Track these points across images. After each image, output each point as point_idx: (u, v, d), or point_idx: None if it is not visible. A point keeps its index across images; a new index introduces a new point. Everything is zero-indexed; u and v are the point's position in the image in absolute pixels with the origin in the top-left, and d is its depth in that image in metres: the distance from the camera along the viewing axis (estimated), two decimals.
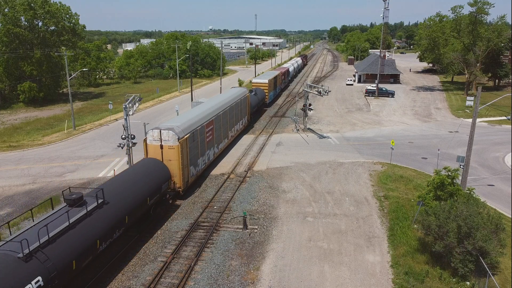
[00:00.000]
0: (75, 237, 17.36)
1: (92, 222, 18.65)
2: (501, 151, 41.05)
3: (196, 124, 32.29)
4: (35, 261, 15.24)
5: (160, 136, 28.54)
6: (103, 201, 20.10)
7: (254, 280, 20.19)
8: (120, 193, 21.51)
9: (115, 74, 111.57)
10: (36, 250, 15.48)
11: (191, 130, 30.94)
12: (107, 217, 19.65)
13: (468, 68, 75.13)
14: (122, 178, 23.28)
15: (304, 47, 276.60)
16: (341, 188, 31.78)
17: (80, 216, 18.30)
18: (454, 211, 20.64)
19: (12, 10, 68.09)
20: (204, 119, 34.31)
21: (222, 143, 39.36)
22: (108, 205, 20.17)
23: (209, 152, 35.50)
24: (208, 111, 36.13)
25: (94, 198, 19.78)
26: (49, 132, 50.77)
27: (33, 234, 16.07)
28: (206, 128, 34.19)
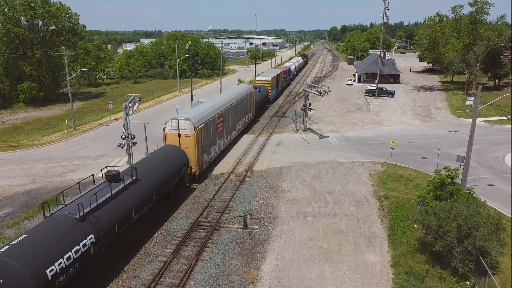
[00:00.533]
0: (116, 206, 20.77)
1: (128, 195, 22.01)
2: (501, 151, 41.05)
3: (208, 116, 35.19)
4: (89, 222, 18.57)
5: (178, 126, 31.54)
6: (136, 178, 23.41)
7: (254, 279, 20.19)
8: (149, 172, 24.86)
9: (115, 74, 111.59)
10: (88, 213, 18.84)
11: (204, 121, 33.93)
12: (139, 192, 23.03)
13: (468, 68, 75.13)
14: (150, 160, 26.69)
15: (304, 47, 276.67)
16: (341, 188, 31.78)
17: (119, 189, 21.64)
18: (454, 211, 20.65)
19: (12, 10, 68.09)
20: (215, 111, 37.14)
21: (230, 134, 42.34)
22: (140, 182, 23.57)
23: (220, 142, 38.54)
24: (218, 105, 39.03)
25: (129, 176, 23.20)
26: (49, 132, 50.78)
27: (86, 200, 19.36)
28: (217, 120, 37.15)
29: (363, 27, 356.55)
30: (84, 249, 17.72)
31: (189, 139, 31.44)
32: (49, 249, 16.07)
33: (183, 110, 61.18)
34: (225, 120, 39.46)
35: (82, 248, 17.59)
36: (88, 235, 18.15)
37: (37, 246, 15.88)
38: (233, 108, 42.24)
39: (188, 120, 31.52)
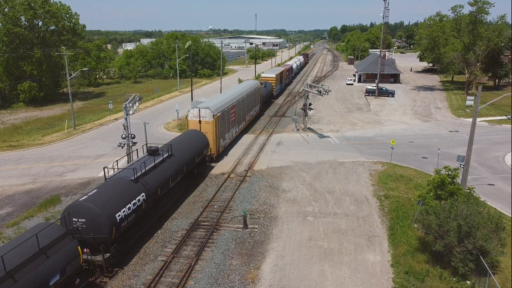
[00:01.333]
0: (158, 173, 25.25)
1: (166, 166, 26.53)
2: (501, 151, 41.04)
3: (224, 106, 39.78)
4: (140, 183, 23.09)
5: (199, 114, 36.29)
6: (171, 153, 27.98)
7: (254, 279, 20.19)
8: (180, 150, 29.32)
9: (115, 74, 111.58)
10: (140, 177, 23.37)
11: (221, 110, 38.54)
12: (174, 164, 27.48)
13: (468, 68, 75.10)
14: (179, 140, 31.26)
15: (304, 47, 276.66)
16: (341, 187, 31.78)
17: (159, 161, 26.23)
18: (454, 210, 20.63)
19: (12, 10, 68.06)
20: (229, 103, 41.64)
21: (241, 124, 46.99)
22: (174, 157, 28.08)
23: (232, 130, 42.94)
24: (232, 97, 43.70)
25: (166, 151, 27.78)
26: (49, 131, 50.78)
27: (137, 166, 23.99)
28: (231, 110, 41.78)
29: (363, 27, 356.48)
30: (139, 203, 22.39)
31: (208, 125, 36.14)
32: (116, 200, 20.73)
33: (183, 110, 61.21)
34: (237, 111, 44.07)
35: (137, 202, 22.23)
36: (141, 193, 22.81)
37: (107, 197, 20.52)
38: (243, 101, 46.84)
39: (208, 109, 36.24)
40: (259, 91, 56.89)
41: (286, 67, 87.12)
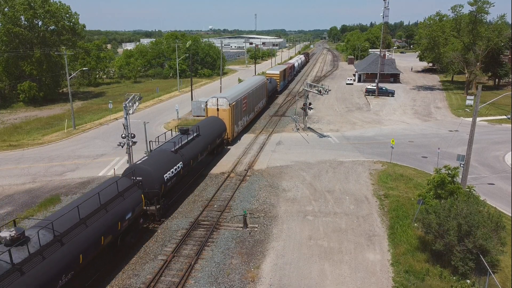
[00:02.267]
0: (190, 148, 30.72)
1: (195, 143, 32.15)
2: (501, 150, 41.05)
3: (237, 97, 44.64)
4: (179, 154, 28.71)
5: (217, 102, 41.34)
6: (199, 133, 33.63)
7: (254, 278, 20.18)
8: (205, 131, 34.76)
9: (115, 73, 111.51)
10: (178, 149, 29.05)
11: (235, 100, 43.48)
12: (201, 142, 33.13)
13: (468, 68, 75.09)
14: (203, 123, 36.26)
15: (304, 47, 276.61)
16: (341, 187, 31.77)
17: (191, 138, 31.92)
18: (454, 210, 20.63)
19: (12, 10, 67.98)
20: (241, 94, 46.58)
21: (251, 114, 51.89)
22: (201, 136, 33.74)
23: (244, 119, 47.87)
24: (243, 90, 48.77)
25: (195, 131, 33.36)
26: (49, 131, 50.77)
27: (176, 140, 29.81)
28: (243, 101, 46.51)
29: (363, 27, 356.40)
30: (178, 169, 27.87)
31: (225, 113, 41.16)
32: (163, 165, 26.16)
33: (183, 109, 61.28)
34: (247, 102, 49.00)
35: (177, 168, 27.71)
36: (179, 162, 28.16)
37: (156, 162, 25.96)
38: (253, 93, 51.84)
39: (225, 98, 41.41)
40: (266, 86, 62.16)
41: (289, 65, 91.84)
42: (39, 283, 14.54)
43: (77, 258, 16.98)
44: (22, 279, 13.85)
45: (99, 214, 19.15)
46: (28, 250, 14.81)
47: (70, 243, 16.78)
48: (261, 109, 59.10)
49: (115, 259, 21.69)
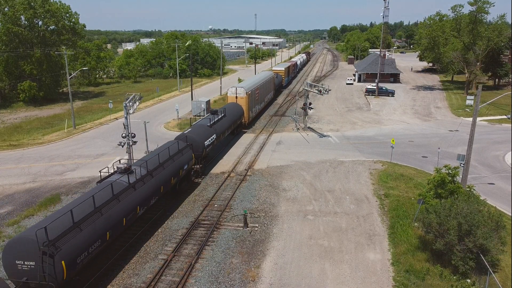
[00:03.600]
0: (219, 125, 37.95)
1: (222, 122, 39.24)
2: (501, 150, 41.06)
3: (252, 88, 51.89)
4: (213, 128, 36.00)
5: (235, 91, 48.68)
6: (225, 114, 40.66)
7: (255, 278, 20.19)
8: (229, 113, 42.10)
9: (115, 73, 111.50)
10: (212, 125, 36.19)
11: (250, 90, 50.63)
12: (227, 121, 40.43)
13: (468, 67, 75.11)
14: (226, 107, 43.58)
15: (304, 47, 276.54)
16: (341, 186, 31.79)
17: (220, 117, 39.06)
18: (454, 209, 20.64)
19: (12, 9, 67.97)
20: (254, 86, 53.81)
21: (261, 103, 59.28)
22: (226, 117, 40.91)
23: (257, 106, 55.66)
24: (255, 82, 56.47)
25: (222, 112, 40.25)
26: (49, 131, 50.77)
27: (210, 118, 37.28)
28: (256, 91, 53.62)
29: (363, 26, 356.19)
30: (212, 140, 35.20)
31: (242, 100, 48.45)
32: (203, 135, 33.83)
33: (184, 109, 61.30)
34: (259, 93, 55.96)
35: (212, 139, 35.25)
36: (213, 134, 35.69)
37: (199, 133, 33.60)
38: (263, 86, 59.03)
39: (242, 88, 49.06)
40: (273, 80, 69.51)
41: (292, 63, 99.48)
42: (142, 197, 23.04)
43: (159, 187, 25.20)
44: (134, 193, 22.41)
45: (169, 162, 27.15)
46: (135, 177, 23.24)
47: (155, 177, 24.92)
48: (269, 100, 66.58)
49: (115, 259, 21.71)
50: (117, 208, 20.52)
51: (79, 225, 17.76)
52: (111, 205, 20.15)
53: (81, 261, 17.48)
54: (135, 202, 22.17)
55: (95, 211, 19.00)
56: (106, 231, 19.24)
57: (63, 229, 16.92)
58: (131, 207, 21.68)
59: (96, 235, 18.51)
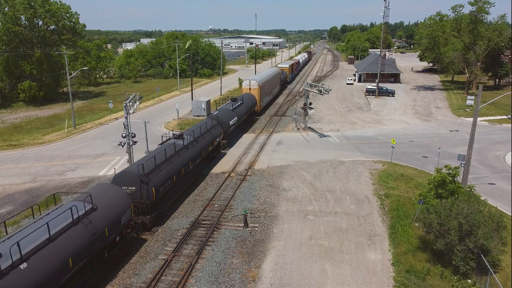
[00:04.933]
0: (239, 109, 45.74)
1: (242, 107, 46.93)
2: (501, 150, 41.03)
3: (262, 81, 59.12)
4: (234, 112, 43.79)
5: (249, 83, 55.95)
6: (242, 102, 47.97)
7: (255, 278, 20.16)
8: (245, 101, 49.52)
9: (115, 73, 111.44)
10: (234, 109, 44.34)
11: (262, 82, 58.04)
12: (244, 107, 48.01)
13: (469, 68, 75.07)
14: (243, 96, 50.82)
15: (304, 47, 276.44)
16: (341, 186, 31.75)
17: (238, 104, 46.19)
18: (455, 209, 20.60)
19: (12, 9, 67.96)
20: (264, 79, 60.81)
21: (270, 95, 66.37)
22: (243, 104, 48.18)
23: (266, 97, 63.08)
24: (265, 77, 63.25)
25: (240, 100, 47.92)
26: (49, 131, 50.75)
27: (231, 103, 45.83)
28: (266, 84, 60.95)
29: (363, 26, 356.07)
30: (235, 121, 42.96)
31: (255, 91, 55.86)
32: (228, 116, 41.29)
33: (184, 109, 61.28)
34: (268, 85, 63.17)
35: (235, 119, 43.01)
36: (235, 116, 43.39)
37: (224, 115, 40.98)
38: (271, 80, 66.14)
39: (255, 80, 56.37)
40: (279, 76, 76.38)
41: (295, 61, 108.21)
42: (192, 156, 30.84)
43: (202, 151, 33.06)
44: (187, 152, 30.28)
45: (207, 133, 35.17)
46: (187, 141, 31.15)
47: (199, 143, 32.81)
48: (276, 93, 74.49)
49: (116, 258, 21.68)
50: (179, 160, 28.64)
51: (159, 167, 25.94)
52: (175, 157, 28.41)
53: (161, 190, 25.72)
54: (188, 158, 30.13)
55: (167, 159, 27.29)
56: (173, 175, 27.40)
57: (151, 168, 25.10)
58: (186, 161, 29.65)
59: (168, 176, 26.64)
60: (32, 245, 15.24)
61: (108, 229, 19.21)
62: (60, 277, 15.93)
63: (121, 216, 20.56)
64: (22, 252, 14.58)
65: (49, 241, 15.91)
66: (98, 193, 20.33)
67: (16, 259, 14.33)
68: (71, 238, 16.79)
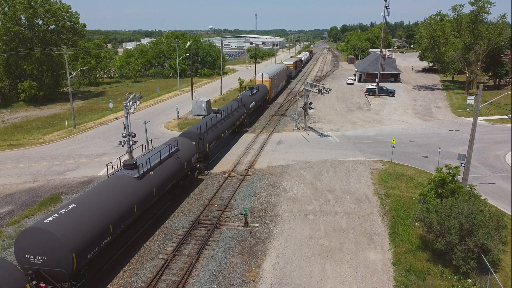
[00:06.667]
0: (256, 96, 55.02)
1: (257, 94, 55.87)
2: (502, 150, 41.01)
3: (272, 74, 67.73)
4: (252, 98, 52.91)
5: (262, 76, 64.86)
6: (258, 89, 57.01)
7: (255, 277, 20.16)
8: (260, 90, 57.42)
9: (115, 73, 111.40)
10: (252, 95, 53.22)
11: (272, 75, 66.72)
12: (259, 95, 56.83)
13: (469, 67, 75.04)
14: (257, 86, 58.51)
15: (304, 47, 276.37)
16: (342, 186, 31.75)
17: (255, 92, 55.28)
18: (455, 209, 20.60)
19: (12, 9, 67.95)
20: (274, 73, 69.63)
21: (278, 87, 74.79)
22: (258, 92, 56.87)
23: (275, 89, 71.24)
24: (274, 71, 72.26)
25: (256, 89, 56.42)
26: (49, 130, 50.75)
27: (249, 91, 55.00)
28: (275, 77, 69.39)
29: (363, 26, 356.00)
30: (253, 105, 52.36)
31: (267, 82, 64.36)
32: (248, 100, 50.64)
33: (184, 109, 61.28)
34: (277, 78, 71.54)
35: (253, 103, 52.24)
36: (253, 101, 52.04)
37: (246, 99, 50.16)
38: (279, 74, 74.26)
39: (267, 73, 65.59)
40: (285, 71, 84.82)
41: (298, 59, 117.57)
42: (227, 126, 40.49)
43: (232, 124, 42.57)
44: (224, 122, 39.96)
45: (235, 111, 44.36)
46: (224, 114, 41.05)
47: (231, 118, 42.43)
48: (283, 86, 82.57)
49: (115, 259, 21.68)
50: (219, 127, 38.23)
51: (209, 130, 35.67)
52: (217, 125, 38.08)
53: (211, 146, 35.64)
54: (225, 127, 39.74)
55: (212, 126, 36.81)
56: (217, 137, 37.01)
57: (207, 127, 35.48)
58: (223, 129, 39.39)
59: (215, 136, 36.56)
60: (154, 162, 25.57)
61: (186, 163, 29.41)
62: (166, 185, 26.38)
63: (191, 158, 30.77)
64: (151, 165, 25.13)
65: (160, 163, 26.16)
66: (179, 141, 30.18)
67: (147, 169, 24.57)
68: (170, 163, 27.21)
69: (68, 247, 16.64)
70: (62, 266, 16.67)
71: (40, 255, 16.68)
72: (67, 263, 16.68)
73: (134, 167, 23.57)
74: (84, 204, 19.33)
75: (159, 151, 26.75)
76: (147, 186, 23.44)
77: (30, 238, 16.71)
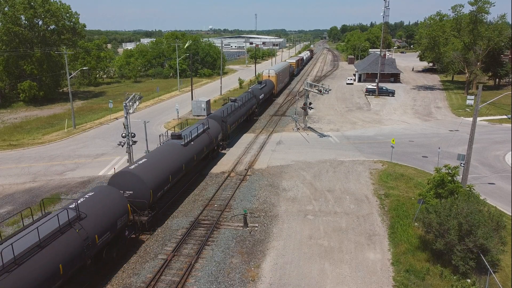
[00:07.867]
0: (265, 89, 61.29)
1: (265, 88, 61.75)
2: (501, 150, 41.03)
3: (278, 71, 73.14)
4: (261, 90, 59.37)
5: (268, 72, 70.56)
6: (266, 84, 62.81)
7: (254, 277, 20.17)
8: (267, 85, 63.78)
9: (115, 73, 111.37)
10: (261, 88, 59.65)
11: (277, 72, 72.14)
12: (267, 89, 62.94)
13: (469, 67, 75.05)
14: (265, 81, 64.77)
15: (304, 47, 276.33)
16: (341, 186, 31.76)
17: (263, 86, 60.75)
18: (455, 209, 20.61)
19: (12, 9, 67.93)
20: (279, 70, 75.19)
21: (283, 83, 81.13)
22: (266, 86, 62.65)
23: (280, 84, 76.36)
24: (279, 68, 77.64)
25: (264, 83, 62.67)
26: (49, 130, 50.76)
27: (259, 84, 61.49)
28: (280, 74, 74.42)
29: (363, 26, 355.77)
30: (262, 97, 58.61)
31: (273, 78, 69.94)
32: (258, 92, 56.83)
33: (184, 109, 61.30)
34: (281, 75, 77.07)
35: (262, 95, 58.66)
36: (262, 94, 58.30)
37: (256, 91, 56.08)
38: (283, 71, 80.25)
39: (273, 70, 71.63)
40: (289, 68, 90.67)
41: (300, 58, 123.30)
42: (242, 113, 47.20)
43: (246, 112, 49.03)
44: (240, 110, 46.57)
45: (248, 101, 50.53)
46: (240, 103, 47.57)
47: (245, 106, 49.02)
48: (286, 82, 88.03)
49: (115, 259, 21.71)
50: (237, 113, 44.31)
51: (230, 115, 41.66)
52: (235, 111, 43.80)
53: (231, 128, 42.00)
54: (241, 113, 46.14)
55: (232, 112, 42.71)
56: (236, 121, 43.41)
57: (228, 112, 41.41)
58: (240, 115, 45.48)
59: (235, 120, 42.98)
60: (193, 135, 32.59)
61: (214, 139, 36.04)
62: (201, 153, 33.27)
63: (218, 135, 37.25)
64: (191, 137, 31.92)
65: (197, 136, 33.37)
66: (209, 121, 36.87)
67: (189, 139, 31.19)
68: (204, 137, 34.21)
69: (148, 185, 23.26)
70: (144, 198, 23.18)
71: (128, 190, 23.14)
72: (147, 196, 23.24)
73: (180, 138, 30.43)
74: (152, 159, 26.00)
75: (196, 127, 33.56)
76: (190, 152, 30.01)
77: (121, 179, 23.32)
